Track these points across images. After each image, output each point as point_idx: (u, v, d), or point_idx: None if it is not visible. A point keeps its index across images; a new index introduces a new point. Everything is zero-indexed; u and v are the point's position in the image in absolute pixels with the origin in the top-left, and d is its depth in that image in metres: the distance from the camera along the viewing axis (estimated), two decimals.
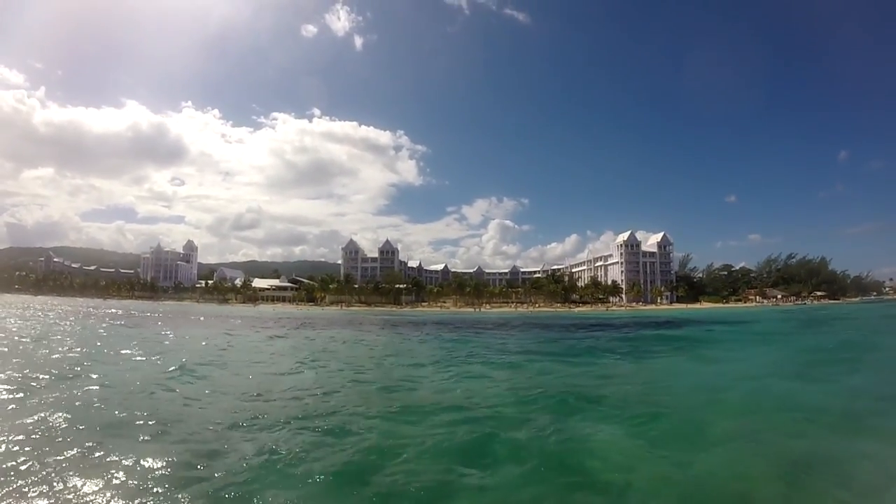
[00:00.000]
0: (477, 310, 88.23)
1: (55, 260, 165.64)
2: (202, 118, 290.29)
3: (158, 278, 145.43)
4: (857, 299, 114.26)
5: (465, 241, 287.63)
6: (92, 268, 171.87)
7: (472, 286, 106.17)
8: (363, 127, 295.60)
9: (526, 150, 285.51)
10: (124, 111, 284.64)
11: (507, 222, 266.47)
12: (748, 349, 21.89)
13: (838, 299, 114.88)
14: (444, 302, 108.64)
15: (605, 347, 21.72)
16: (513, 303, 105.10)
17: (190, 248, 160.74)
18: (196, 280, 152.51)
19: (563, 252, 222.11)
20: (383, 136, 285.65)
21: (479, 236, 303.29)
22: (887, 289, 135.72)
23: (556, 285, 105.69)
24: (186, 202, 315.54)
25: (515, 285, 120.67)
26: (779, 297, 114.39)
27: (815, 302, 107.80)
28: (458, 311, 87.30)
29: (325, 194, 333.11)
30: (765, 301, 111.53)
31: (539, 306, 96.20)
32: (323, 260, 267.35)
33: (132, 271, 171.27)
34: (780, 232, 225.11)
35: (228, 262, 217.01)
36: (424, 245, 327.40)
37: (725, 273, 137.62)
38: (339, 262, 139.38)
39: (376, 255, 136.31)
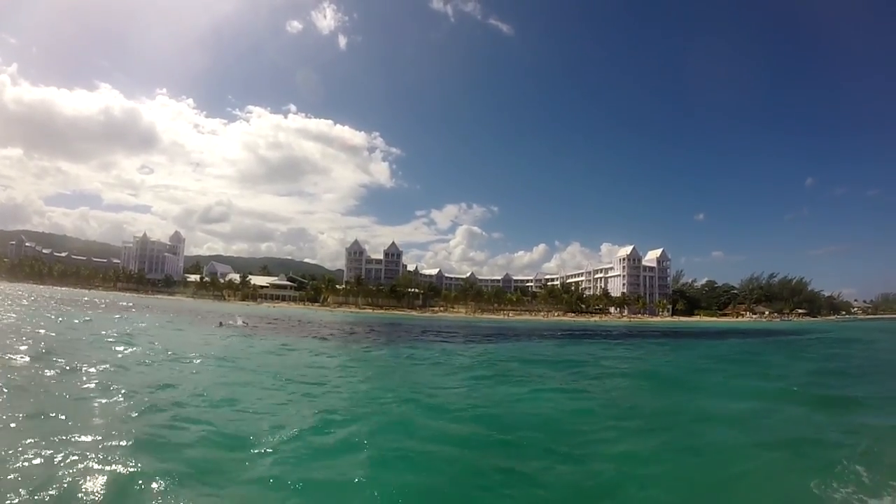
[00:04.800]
0: (507, 316, 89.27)
1: (27, 245, 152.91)
2: (176, 107, 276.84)
3: (144, 270, 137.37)
4: (834, 317, 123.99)
5: (433, 245, 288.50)
6: (63, 254, 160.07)
7: (493, 293, 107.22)
8: (338, 126, 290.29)
9: (499, 159, 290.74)
10: (97, 94, 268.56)
11: (476, 228, 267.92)
12: None
13: (816, 317, 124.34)
14: (457, 308, 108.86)
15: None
16: (528, 311, 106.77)
17: (177, 239, 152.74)
18: (182, 273, 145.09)
19: (530, 260, 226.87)
20: (358, 137, 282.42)
21: (446, 241, 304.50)
22: (855, 309, 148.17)
23: (569, 295, 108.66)
24: (154, 191, 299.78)
25: (527, 293, 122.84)
26: (766, 313, 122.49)
27: (799, 319, 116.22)
28: (483, 317, 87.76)
29: (295, 191, 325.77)
30: (753, 316, 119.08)
31: (556, 315, 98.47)
32: (290, 258, 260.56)
33: (105, 260, 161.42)
34: (743, 250, 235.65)
35: (192, 255, 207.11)
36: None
37: (708, 289, 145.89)
38: (307, 260, 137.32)
39: (381, 256, 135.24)
